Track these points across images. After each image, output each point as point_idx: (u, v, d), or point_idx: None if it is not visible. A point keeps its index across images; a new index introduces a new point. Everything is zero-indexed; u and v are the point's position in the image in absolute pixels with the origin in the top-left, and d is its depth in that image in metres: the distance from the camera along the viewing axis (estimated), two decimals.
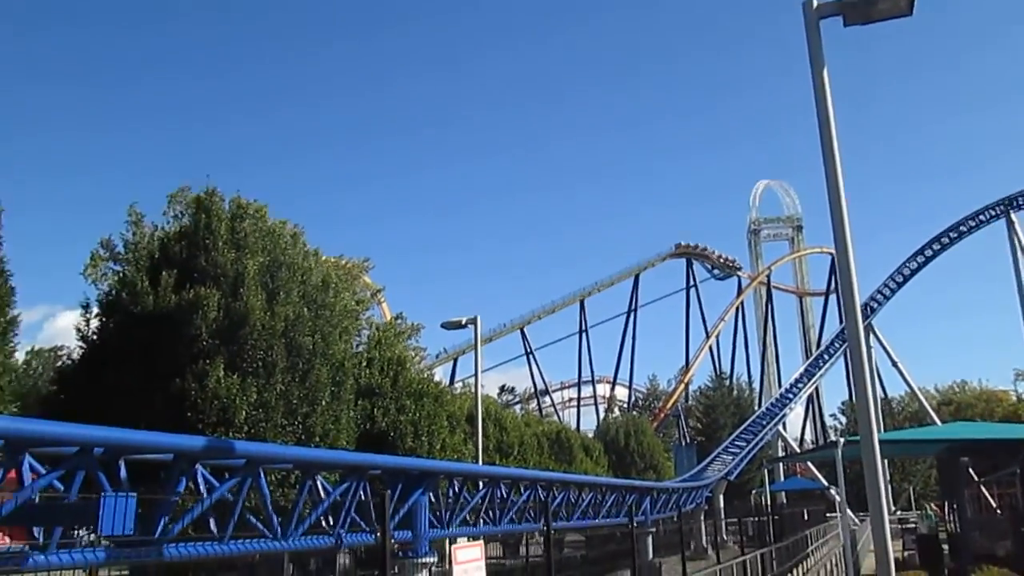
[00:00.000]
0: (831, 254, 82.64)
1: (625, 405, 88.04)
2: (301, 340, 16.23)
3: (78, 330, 17.65)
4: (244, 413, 14.80)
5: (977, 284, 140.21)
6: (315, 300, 17.36)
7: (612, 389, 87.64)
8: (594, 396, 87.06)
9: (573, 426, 75.60)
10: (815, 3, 9.51)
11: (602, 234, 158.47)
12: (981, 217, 62.74)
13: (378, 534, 11.09)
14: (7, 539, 7.24)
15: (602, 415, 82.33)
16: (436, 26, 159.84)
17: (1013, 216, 61.73)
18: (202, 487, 8.56)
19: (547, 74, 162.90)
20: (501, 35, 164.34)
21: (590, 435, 62.95)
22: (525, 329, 77.78)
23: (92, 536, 6.88)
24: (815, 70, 9.47)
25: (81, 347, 16.90)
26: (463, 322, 24.64)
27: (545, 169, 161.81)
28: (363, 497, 10.91)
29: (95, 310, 17.15)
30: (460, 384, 59.63)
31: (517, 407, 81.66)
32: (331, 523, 10.47)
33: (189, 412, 14.43)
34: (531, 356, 78.85)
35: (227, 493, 8.59)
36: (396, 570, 12.22)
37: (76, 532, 7.70)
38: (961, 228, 62.97)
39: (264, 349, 15.51)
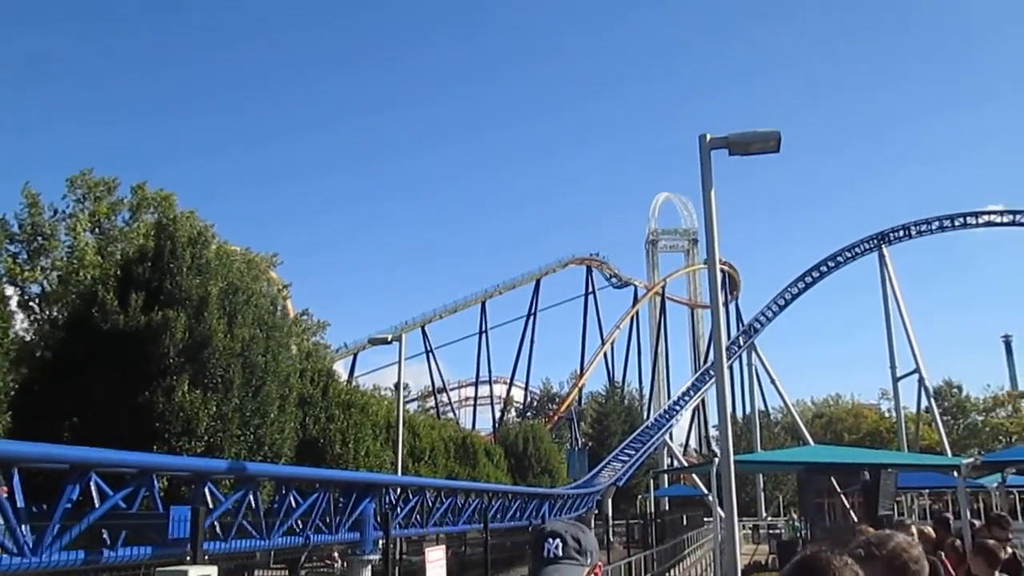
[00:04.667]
0: (724, 269, 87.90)
1: (521, 406, 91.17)
2: (255, 359, 18.23)
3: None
4: (205, 424, 16.73)
5: (856, 307, 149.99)
6: (265, 322, 19.33)
7: (509, 390, 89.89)
8: (491, 396, 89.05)
9: (469, 424, 78.18)
10: (708, 137, 12.33)
11: (505, 236, 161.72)
12: (856, 249, 68.32)
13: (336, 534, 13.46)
14: None
15: (498, 415, 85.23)
16: (340, 25, 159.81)
17: (885, 250, 67.43)
18: (208, 497, 10.74)
19: (452, 72, 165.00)
20: (403, 38, 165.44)
21: (484, 434, 65.48)
22: (426, 327, 79.35)
23: None
24: (705, 188, 12.25)
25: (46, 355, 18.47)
26: (389, 338, 26.88)
27: (444, 168, 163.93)
28: (325, 506, 13.20)
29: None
30: (361, 382, 60.92)
31: (414, 404, 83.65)
32: (300, 526, 12.73)
33: (157, 423, 16.28)
34: (431, 354, 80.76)
35: (230, 505, 10.80)
36: (345, 565, 14.58)
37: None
38: (838, 258, 68.39)
39: (224, 367, 17.45)
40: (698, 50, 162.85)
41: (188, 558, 6.79)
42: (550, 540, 2.25)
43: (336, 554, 25.51)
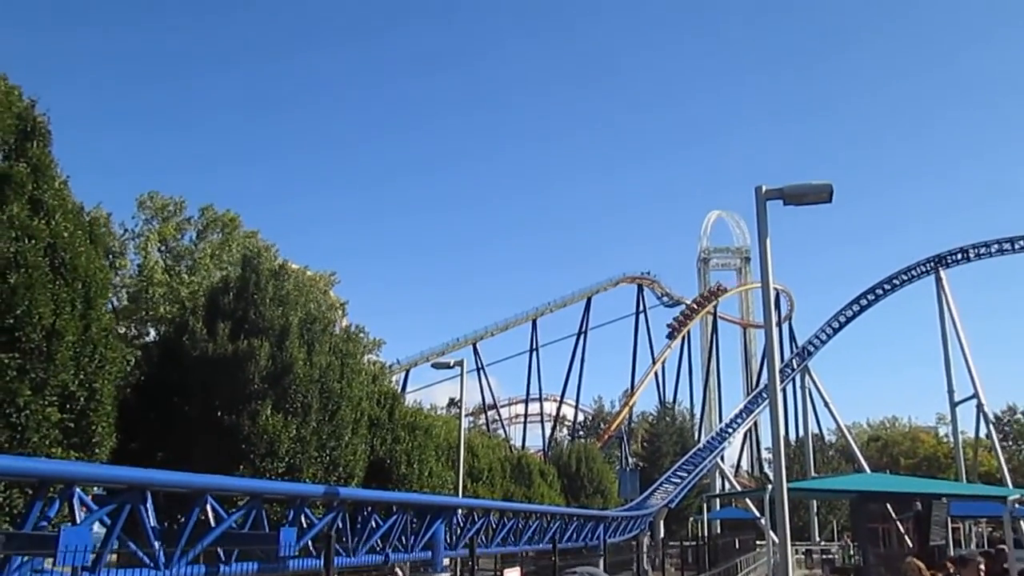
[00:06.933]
0: (777, 289, 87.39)
1: (571, 424, 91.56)
2: (332, 385, 19.44)
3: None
4: (286, 447, 17.92)
5: (913, 330, 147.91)
6: (340, 349, 20.55)
7: (559, 408, 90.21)
8: (541, 413, 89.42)
9: (519, 441, 78.75)
10: (764, 188, 13.14)
11: (556, 254, 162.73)
12: (913, 272, 67.71)
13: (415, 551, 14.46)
14: None
15: (548, 432, 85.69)
16: (415, 29, 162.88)
17: (942, 273, 66.72)
18: (303, 520, 11.84)
19: (509, 86, 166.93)
20: (473, 45, 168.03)
21: (534, 450, 65.56)
22: (477, 344, 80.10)
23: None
24: (760, 237, 13.07)
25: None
26: (451, 363, 27.95)
27: (496, 184, 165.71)
28: (402, 527, 14.26)
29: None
30: (414, 398, 62.00)
31: (467, 420, 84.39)
32: (380, 545, 13.80)
33: (243, 445, 17.50)
34: (482, 371, 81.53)
35: (323, 526, 11.90)
36: None
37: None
38: (894, 281, 67.85)
39: (303, 393, 18.66)
40: (759, 76, 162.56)
41: None
42: None
43: (398, 570, 26.56)
